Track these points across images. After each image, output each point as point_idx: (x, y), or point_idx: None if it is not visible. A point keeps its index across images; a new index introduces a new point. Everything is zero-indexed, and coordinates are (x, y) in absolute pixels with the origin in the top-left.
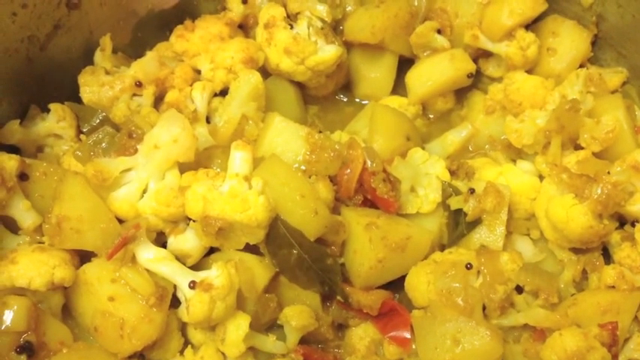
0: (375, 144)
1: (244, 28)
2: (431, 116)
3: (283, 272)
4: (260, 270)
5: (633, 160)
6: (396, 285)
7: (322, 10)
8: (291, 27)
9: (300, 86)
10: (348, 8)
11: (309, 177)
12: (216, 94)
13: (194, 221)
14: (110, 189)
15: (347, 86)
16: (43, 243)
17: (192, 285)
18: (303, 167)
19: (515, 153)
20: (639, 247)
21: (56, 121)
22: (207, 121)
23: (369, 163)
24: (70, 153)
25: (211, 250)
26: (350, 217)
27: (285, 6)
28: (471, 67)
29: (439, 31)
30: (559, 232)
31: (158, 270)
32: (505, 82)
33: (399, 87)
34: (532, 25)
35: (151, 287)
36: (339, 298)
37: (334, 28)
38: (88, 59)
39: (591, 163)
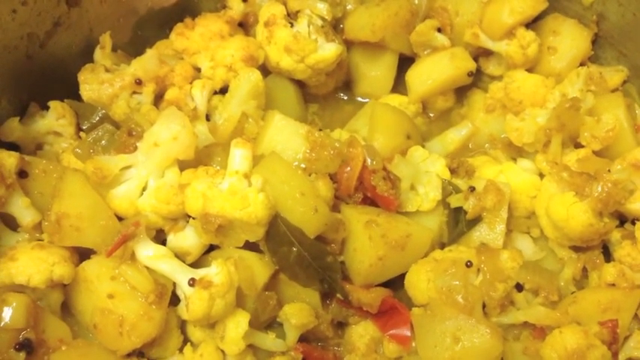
0: (375, 142)
1: (244, 26)
2: (431, 115)
3: (283, 270)
4: (260, 268)
5: (633, 158)
6: (395, 283)
7: (322, 8)
8: (292, 25)
9: (300, 84)
10: (349, 7)
11: (309, 175)
12: (216, 92)
13: (194, 219)
14: (110, 186)
15: (347, 84)
16: (43, 240)
17: (192, 282)
18: (303, 165)
19: (515, 151)
20: (639, 245)
21: (56, 118)
22: (207, 118)
23: (369, 161)
24: (69, 150)
25: (211, 248)
26: (350, 214)
27: (285, 4)
28: (472, 65)
29: (439, 30)
30: (559, 230)
31: (157, 267)
32: (505, 81)
33: (399, 85)
34: (532, 23)
35: (150, 285)
36: (338, 295)
37: (334, 27)
38: (87, 57)
39: (592, 162)
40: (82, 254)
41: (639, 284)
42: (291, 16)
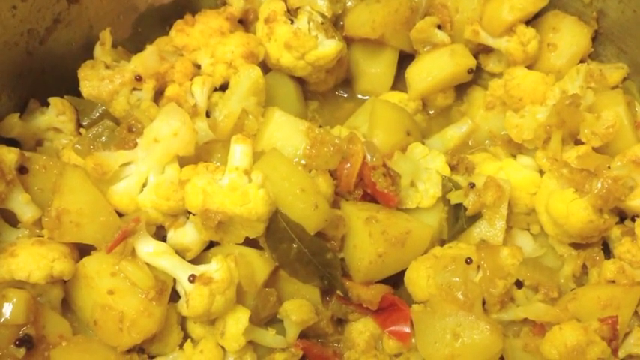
0: (376, 139)
1: (244, 22)
2: (431, 111)
3: (283, 266)
4: (260, 264)
5: (633, 155)
6: (395, 279)
7: (322, 5)
8: (292, 22)
9: (300, 81)
10: (349, 3)
11: (309, 171)
12: (216, 89)
13: (194, 215)
14: (110, 182)
15: (347, 81)
16: (43, 236)
17: (192, 279)
18: (303, 161)
19: (515, 148)
20: (639, 241)
21: (56, 114)
22: (207, 115)
23: (369, 157)
24: (69, 147)
25: (211, 244)
26: (350, 211)
27: (285, 1)
28: (471, 62)
29: (439, 27)
30: (559, 226)
31: (158, 263)
32: (505, 78)
33: (399, 82)
34: (532, 20)
35: (150, 281)
36: (338, 292)
37: (334, 24)
38: (88, 53)
39: (591, 158)
40: (82, 250)
41: (639, 281)
42: (291, 13)
